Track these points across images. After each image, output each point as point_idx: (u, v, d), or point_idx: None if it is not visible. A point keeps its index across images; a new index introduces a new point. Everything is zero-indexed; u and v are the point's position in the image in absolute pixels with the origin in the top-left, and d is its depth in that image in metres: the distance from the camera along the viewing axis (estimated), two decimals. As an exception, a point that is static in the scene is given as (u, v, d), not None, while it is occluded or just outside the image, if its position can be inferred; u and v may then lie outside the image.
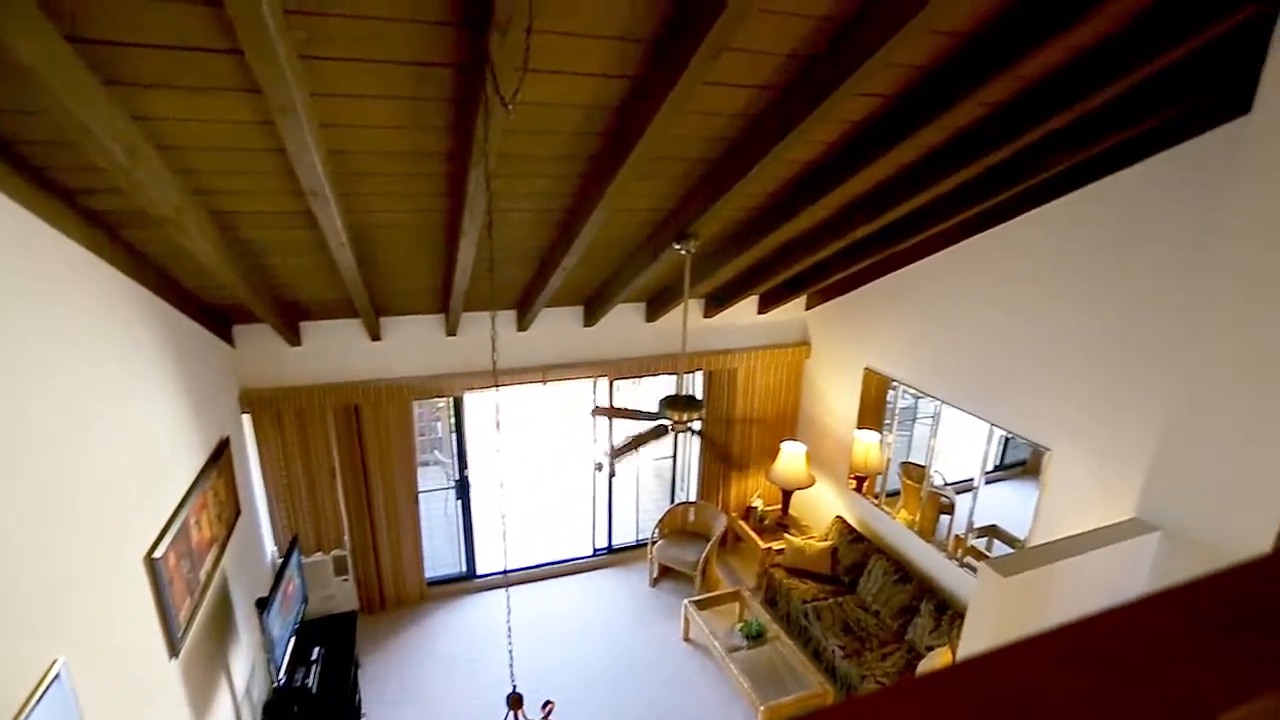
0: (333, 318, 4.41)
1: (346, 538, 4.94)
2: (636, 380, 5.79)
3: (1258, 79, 2.11)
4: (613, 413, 4.27)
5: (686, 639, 5.02)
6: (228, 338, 4.19)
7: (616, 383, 5.50)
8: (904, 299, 4.73)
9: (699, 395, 5.77)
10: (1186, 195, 2.93)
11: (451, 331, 4.71)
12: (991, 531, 4.94)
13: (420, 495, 5.14)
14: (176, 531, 2.87)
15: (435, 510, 5.98)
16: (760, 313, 5.59)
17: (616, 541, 6.07)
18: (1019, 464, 5.18)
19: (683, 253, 3.39)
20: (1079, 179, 3.38)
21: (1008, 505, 4.50)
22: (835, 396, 5.58)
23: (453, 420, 5.37)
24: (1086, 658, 0.50)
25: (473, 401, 5.29)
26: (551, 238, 3.55)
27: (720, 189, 2.89)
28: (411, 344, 4.72)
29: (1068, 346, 3.56)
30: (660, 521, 5.82)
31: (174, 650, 2.76)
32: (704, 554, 5.41)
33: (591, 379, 5.34)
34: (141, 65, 1.73)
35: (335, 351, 4.54)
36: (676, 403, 3.52)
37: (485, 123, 1.94)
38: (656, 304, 5.12)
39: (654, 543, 5.69)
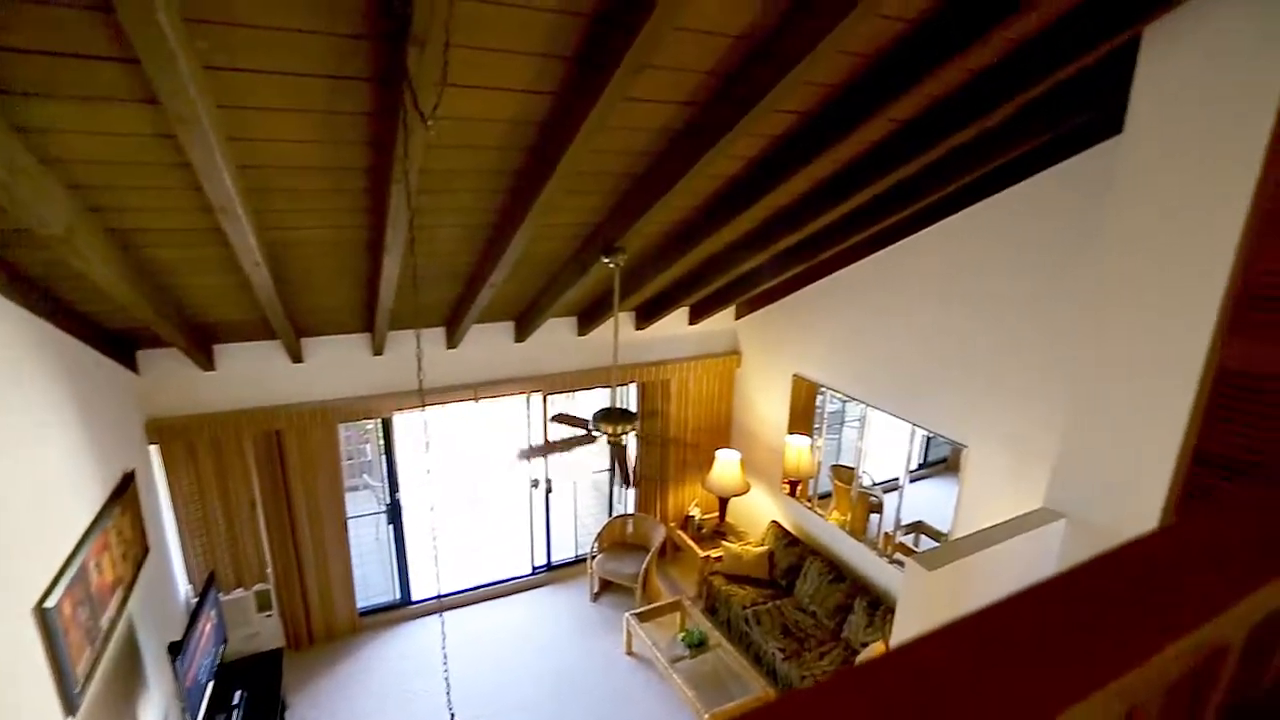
0: (249, 339, 4.20)
1: (270, 571, 4.69)
2: (570, 395, 5.77)
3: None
4: (566, 420, 4.21)
5: (629, 652, 5.00)
6: (131, 364, 3.92)
7: (550, 398, 5.46)
8: (828, 307, 4.90)
9: (633, 407, 5.80)
10: (1073, 208, 3.17)
11: (378, 350, 4.57)
12: (918, 527, 5.15)
13: (349, 521, 4.94)
14: (73, 576, 2.65)
15: (366, 536, 5.76)
16: (691, 324, 5.68)
17: (556, 558, 6.00)
18: (941, 461, 5.43)
19: (611, 266, 3.41)
20: (980, 192, 3.60)
21: (932, 501, 4.70)
22: (766, 403, 5.71)
23: (382, 442, 5.20)
24: (985, 639, 0.54)
25: (403, 422, 5.14)
26: (479, 253, 3.50)
27: (646, 203, 2.93)
28: (336, 364, 4.55)
29: (979, 349, 3.77)
30: (599, 535, 5.79)
31: (70, 707, 2.54)
32: (644, 566, 5.41)
33: (524, 394, 5.28)
34: (17, 71, 1.61)
35: (253, 375, 4.32)
36: (610, 416, 3.52)
37: (405, 138, 1.91)
38: (588, 318, 5.13)
39: (593, 557, 5.66)
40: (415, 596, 5.47)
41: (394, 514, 5.26)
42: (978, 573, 2.49)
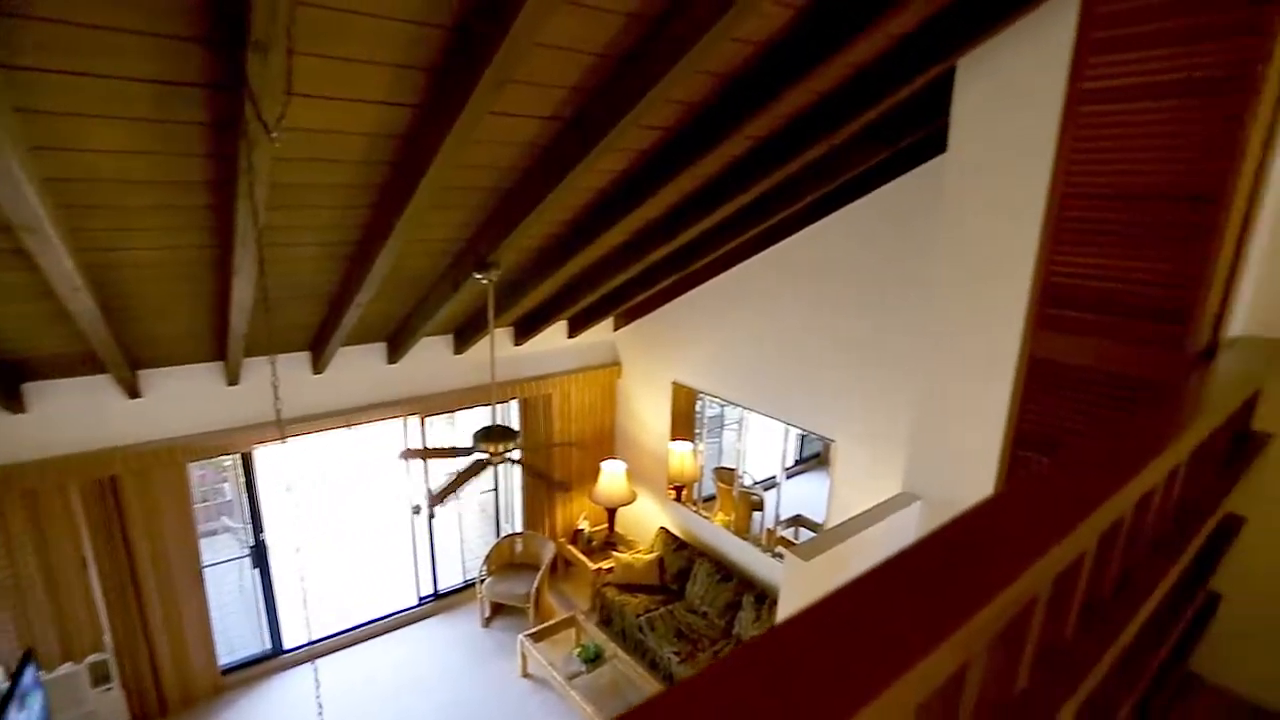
0: (72, 375, 3.70)
1: (107, 637, 4.13)
2: (450, 416, 5.58)
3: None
4: (425, 454, 4.05)
5: (525, 675, 4.88)
6: (-87, 412, 3.35)
7: (429, 420, 5.25)
8: (703, 315, 5.08)
9: (516, 425, 5.70)
10: (917, 218, 3.50)
11: (232, 380, 4.19)
12: (798, 521, 5.43)
13: (206, 570, 4.47)
14: None
15: (228, 584, 5.25)
16: (570, 336, 5.68)
17: (443, 585, 5.75)
18: (815, 456, 5.75)
19: (484, 282, 3.34)
20: (836, 202, 3.89)
21: (809, 495, 4.98)
22: (648, 412, 5.81)
23: (243, 480, 4.75)
24: (834, 618, 0.58)
25: (266, 456, 4.73)
26: (342, 272, 3.32)
27: (517, 217, 2.91)
28: (184, 397, 4.11)
29: (841, 350, 4.06)
30: (488, 557, 5.62)
31: None
32: (535, 585, 5.31)
33: (401, 418, 5.04)
34: None
35: (78, 415, 3.80)
36: (491, 434, 3.44)
37: (249, 150, 1.78)
38: (464, 335, 4.99)
39: (482, 580, 5.48)
40: (288, 645, 5.04)
41: (259, 557, 4.83)
42: (850, 558, 2.67)
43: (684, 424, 5.52)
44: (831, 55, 2.13)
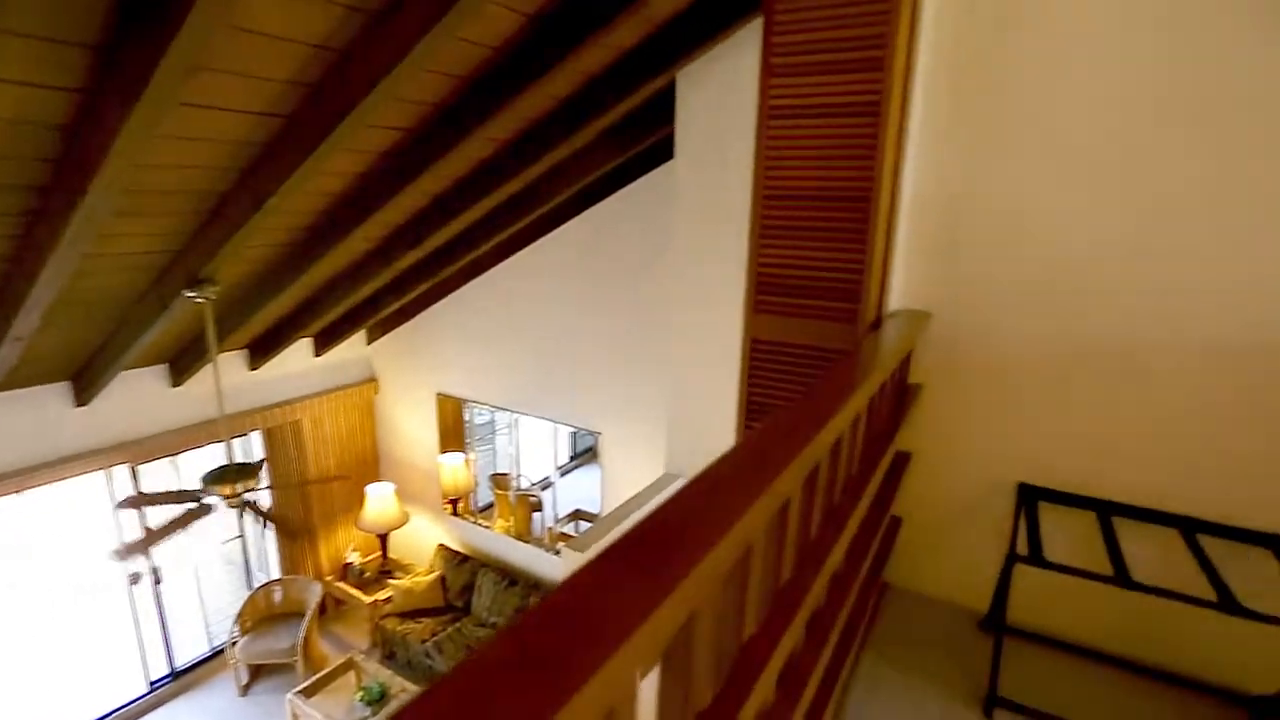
0: None
1: None
2: (173, 459, 4.75)
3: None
4: (145, 501, 3.39)
5: (297, 737, 4.35)
6: None
7: (145, 468, 4.40)
8: (464, 321, 4.96)
9: (261, 458, 5.04)
10: (662, 214, 3.78)
11: None
12: (577, 515, 5.58)
13: None
14: None
15: None
16: (318, 354, 5.16)
17: (182, 660, 4.89)
18: (588, 450, 5.95)
19: (200, 300, 2.90)
20: (586, 203, 4.05)
21: (586, 488, 5.15)
22: (413, 427, 5.52)
23: None
24: (568, 604, 0.62)
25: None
26: (-11, 297, 2.64)
27: (235, 224, 2.57)
28: None
29: (599, 345, 4.25)
30: (239, 615, 4.90)
31: None
32: (301, 634, 4.76)
33: (103, 471, 4.16)
34: None
35: None
36: (225, 475, 3.01)
37: None
38: (182, 364, 4.27)
39: (234, 643, 4.77)
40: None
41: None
42: (623, 541, 2.82)
43: (453, 435, 5.35)
44: (560, 62, 2.21)
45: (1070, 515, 1.94)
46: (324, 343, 5.09)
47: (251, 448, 5.13)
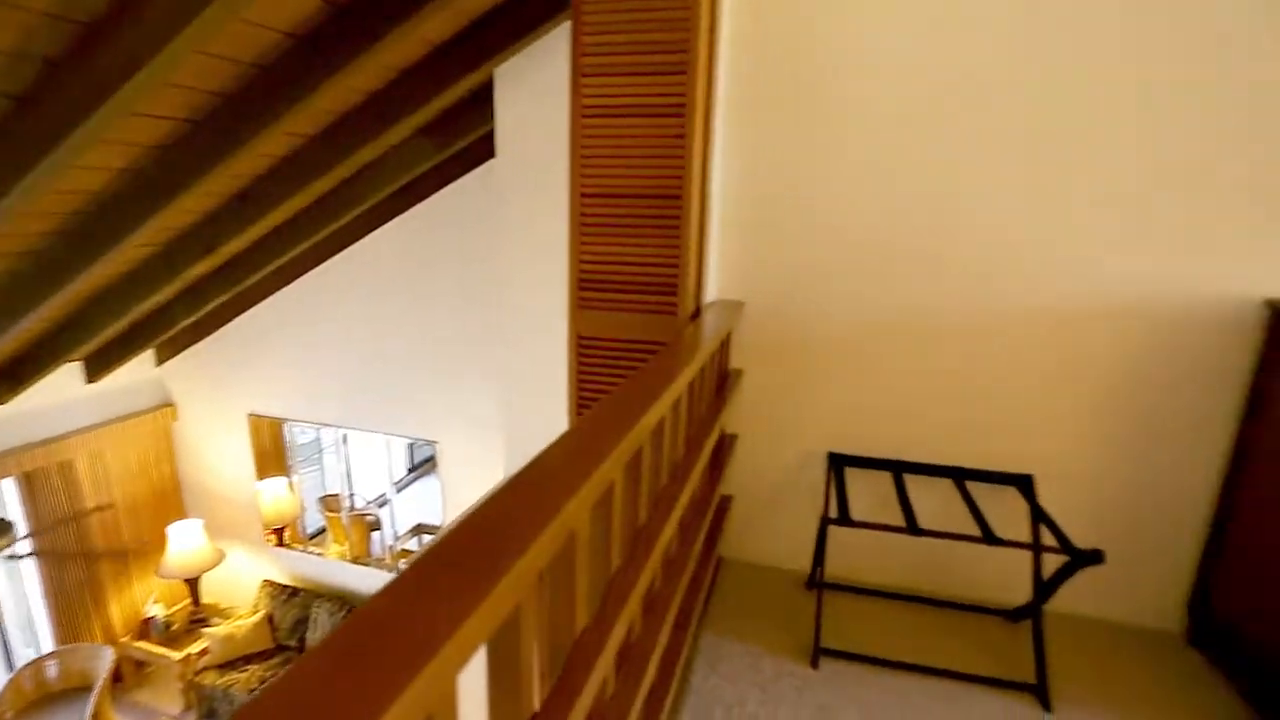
0: None
1: None
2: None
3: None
4: None
5: (91, 829, 3.73)
6: None
7: None
8: (275, 333, 4.51)
9: (18, 509, 4.23)
10: (493, 212, 3.69)
11: None
12: (419, 530, 5.32)
13: None
14: None
15: None
16: (90, 381, 4.43)
17: (-81, 768, 3.98)
18: (428, 461, 5.69)
19: (-85, 322, 2.37)
20: (407, 202, 3.85)
21: (428, 501, 4.92)
22: (223, 454, 4.94)
23: None
24: (382, 612, 0.59)
25: None
26: None
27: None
28: None
29: (437, 349, 4.07)
30: None
31: None
32: (88, 713, 4.07)
33: None
34: None
35: None
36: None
37: None
38: (-103, 402, 3.47)
39: (-4, 735, 3.97)
40: None
41: None
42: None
43: (273, 458, 4.86)
44: (362, 53, 2.08)
45: (872, 477, 2.19)
46: (98, 367, 4.37)
47: (7, 498, 4.30)
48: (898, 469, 2.13)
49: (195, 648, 4.62)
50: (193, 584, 4.86)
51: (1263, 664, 1.72)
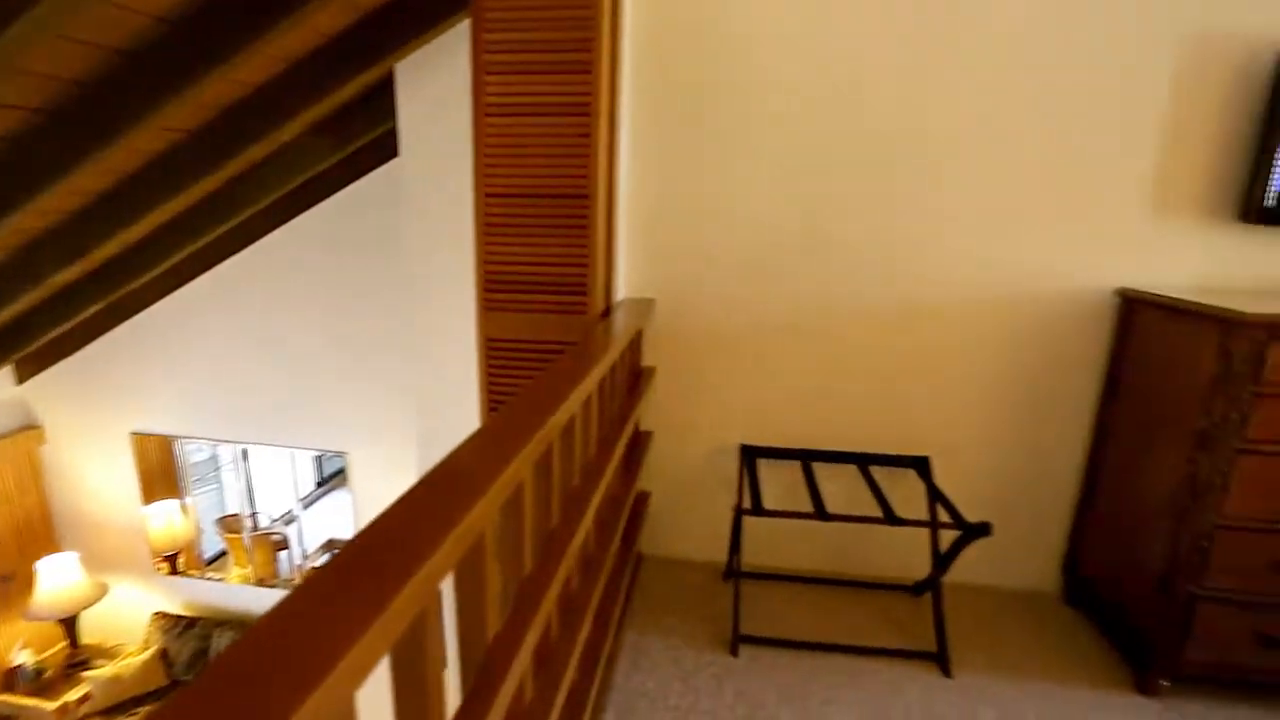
0: None
1: None
2: None
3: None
4: None
5: None
6: None
7: None
8: (160, 344, 4.17)
9: None
10: (389, 217, 3.56)
11: None
12: (331, 545, 5.06)
13: None
14: None
15: None
16: (-63, 403, 3.96)
17: None
18: (339, 473, 5.43)
19: None
20: (308, 202, 3.65)
21: (339, 515, 4.68)
22: (103, 478, 4.52)
23: None
24: (274, 629, 0.56)
25: None
26: None
27: None
28: None
29: (342, 355, 3.87)
30: None
31: None
32: (-53, 769, 3.63)
33: None
34: None
35: None
36: None
37: None
38: None
39: None
40: None
41: None
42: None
43: (162, 479, 4.49)
44: (244, 45, 1.96)
45: (782, 467, 2.26)
46: (-55, 387, 3.91)
47: None
48: (806, 458, 2.21)
49: (74, 694, 4.21)
50: (69, 624, 4.42)
51: (1120, 615, 1.91)
